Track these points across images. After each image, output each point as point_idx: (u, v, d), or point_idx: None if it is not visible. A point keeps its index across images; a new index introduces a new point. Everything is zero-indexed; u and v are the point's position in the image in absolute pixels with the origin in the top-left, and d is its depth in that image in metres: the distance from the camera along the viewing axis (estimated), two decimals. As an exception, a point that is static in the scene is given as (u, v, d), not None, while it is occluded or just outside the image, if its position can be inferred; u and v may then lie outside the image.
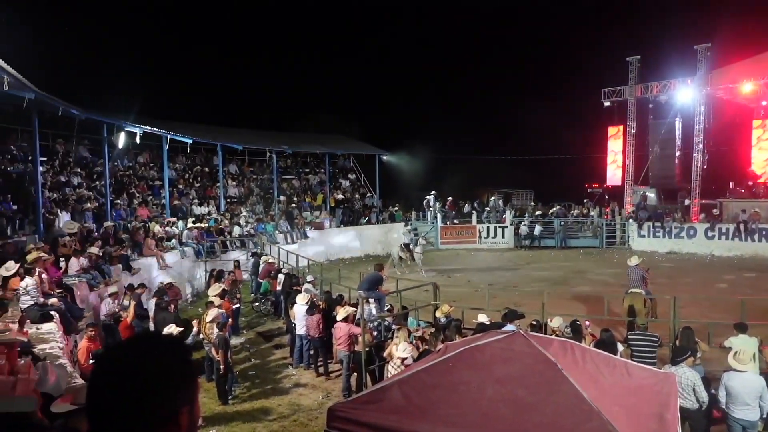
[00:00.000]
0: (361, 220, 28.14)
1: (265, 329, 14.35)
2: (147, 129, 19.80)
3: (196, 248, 18.68)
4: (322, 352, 11.01)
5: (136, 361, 1.13)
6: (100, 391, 1.12)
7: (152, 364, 1.13)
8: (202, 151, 27.92)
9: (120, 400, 1.09)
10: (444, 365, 4.86)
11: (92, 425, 1.11)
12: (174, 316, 10.73)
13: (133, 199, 20.73)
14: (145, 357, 1.14)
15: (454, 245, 28.57)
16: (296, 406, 9.38)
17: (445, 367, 4.83)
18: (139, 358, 1.14)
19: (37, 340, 7.54)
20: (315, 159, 32.31)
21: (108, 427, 1.09)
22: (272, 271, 15.84)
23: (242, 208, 24.83)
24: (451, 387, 4.61)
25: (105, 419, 1.10)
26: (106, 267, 12.87)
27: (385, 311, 11.22)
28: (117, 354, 1.17)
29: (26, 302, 8.77)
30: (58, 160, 20.11)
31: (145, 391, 1.11)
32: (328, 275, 16.64)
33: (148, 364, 1.13)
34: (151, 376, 1.12)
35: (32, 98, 12.79)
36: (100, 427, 1.10)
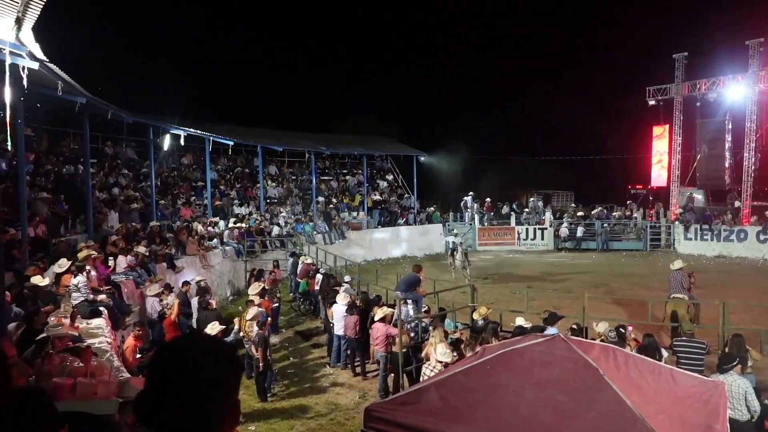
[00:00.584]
0: (399, 221, 28.15)
1: (304, 328, 14.53)
2: (190, 131, 20.39)
3: (236, 248, 19.08)
4: (359, 352, 11.07)
5: (196, 360, 1.18)
6: (160, 388, 1.17)
7: (210, 363, 1.18)
8: (243, 152, 28.51)
9: (181, 398, 1.14)
10: (482, 368, 4.83)
11: (146, 420, 1.15)
12: (216, 314, 10.98)
13: (177, 200, 21.36)
14: (203, 357, 1.19)
15: (491, 247, 28.27)
16: (333, 405, 9.46)
17: (483, 370, 4.79)
18: (198, 357, 1.18)
19: (87, 334, 7.86)
20: (353, 160, 32.53)
21: (167, 423, 1.13)
22: (310, 271, 16.02)
23: (281, 209, 25.22)
24: (489, 390, 4.57)
25: (165, 416, 1.14)
26: (151, 265, 13.29)
27: (422, 312, 11.19)
28: (175, 353, 1.22)
29: (77, 298, 9.15)
30: (107, 162, 20.89)
31: (205, 389, 1.16)
32: (365, 276, 16.72)
33: (207, 363, 1.18)
34: (210, 375, 1.17)
35: (84, 102, 13.35)
36: (157, 422, 1.14)
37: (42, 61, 9.80)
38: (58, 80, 11.14)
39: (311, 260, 17.29)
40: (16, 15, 7.80)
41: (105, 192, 17.86)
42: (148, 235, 15.21)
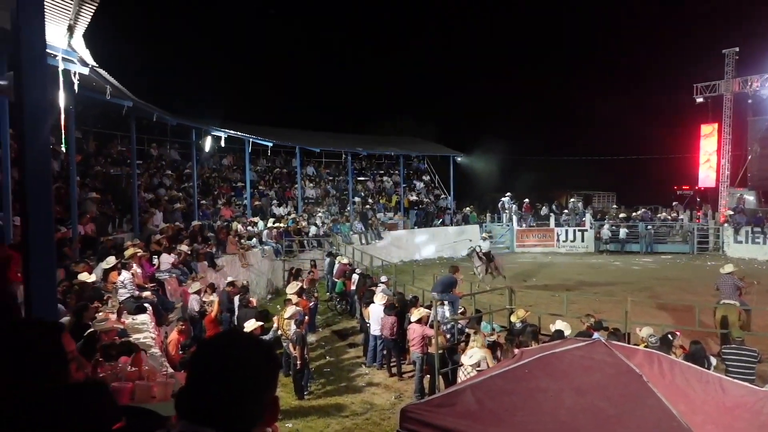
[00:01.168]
0: (435, 222, 28.04)
1: (340, 328, 14.64)
2: (231, 133, 20.86)
3: (275, 247, 19.38)
4: (395, 352, 11.08)
5: (234, 357, 1.21)
6: (200, 384, 1.21)
7: (248, 360, 1.21)
8: (282, 153, 28.96)
9: (220, 394, 1.17)
10: (520, 371, 4.75)
11: (186, 415, 1.19)
12: (255, 312, 11.18)
13: (218, 200, 21.87)
14: (241, 354, 1.22)
15: (530, 248, 27.84)
16: (369, 405, 9.50)
17: (521, 374, 4.72)
18: (236, 355, 1.22)
19: (133, 330, 8.13)
20: (389, 161, 32.59)
21: (207, 419, 1.16)
22: (347, 271, 16.13)
23: (319, 209, 25.48)
24: (527, 394, 4.49)
25: (205, 411, 1.18)
26: (193, 264, 13.64)
27: (458, 314, 11.12)
28: (214, 350, 1.26)
29: (123, 294, 9.47)
30: (152, 163, 21.57)
31: (244, 386, 1.19)
32: (401, 276, 16.71)
33: (245, 360, 1.21)
34: (248, 372, 1.20)
35: (130, 106, 13.83)
36: (198, 418, 1.17)
37: (92, 67, 10.21)
38: (107, 84, 11.58)
39: (348, 260, 17.41)
40: (69, 23, 8.14)
41: (150, 192, 18.44)
42: (191, 234, 15.62)
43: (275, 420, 1.30)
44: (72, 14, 7.78)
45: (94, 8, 7.61)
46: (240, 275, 15.48)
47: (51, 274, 2.97)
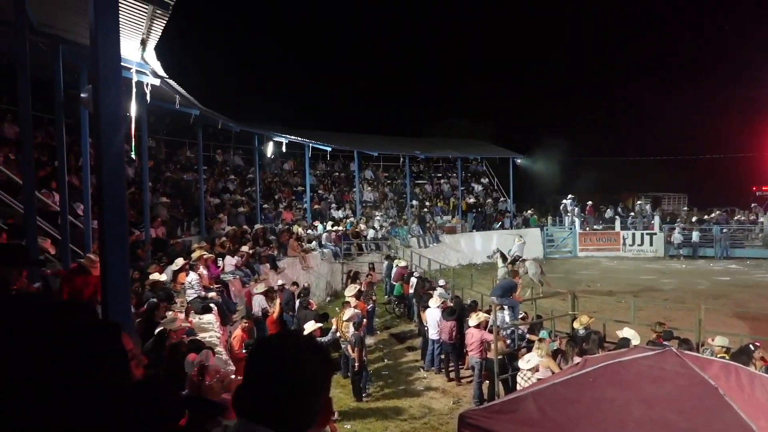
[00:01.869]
0: (494, 225, 27.60)
1: (398, 331, 14.66)
2: (292, 138, 21.41)
3: (334, 250, 19.67)
4: (454, 357, 10.98)
5: (290, 358, 1.24)
6: (256, 383, 1.24)
7: (303, 361, 1.24)
8: (340, 157, 29.38)
9: (276, 393, 1.20)
10: (584, 379, 4.59)
11: (243, 413, 1.22)
12: (314, 314, 11.38)
13: (279, 204, 22.46)
14: (297, 355, 1.25)
15: (594, 252, 26.89)
16: (427, 409, 9.45)
17: (585, 382, 4.56)
18: (292, 355, 1.25)
19: (199, 329, 8.48)
20: (447, 164, 32.38)
21: (263, 417, 1.19)
22: (405, 275, 16.14)
23: (377, 212, 25.66)
24: (591, 403, 4.33)
25: (260, 409, 1.21)
26: (256, 265, 14.07)
27: (518, 319, 10.88)
28: (271, 351, 1.29)
29: (191, 295, 9.90)
30: (217, 169, 22.44)
31: (299, 386, 1.21)
32: (459, 280, 16.55)
33: (300, 361, 1.24)
34: (303, 372, 1.23)
35: (197, 114, 14.47)
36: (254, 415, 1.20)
37: (162, 78, 10.76)
38: (176, 94, 12.16)
39: (405, 263, 17.42)
40: (142, 37, 8.62)
41: (216, 196, 19.19)
42: (253, 237, 16.12)
43: (329, 421, 1.32)
44: (144, 29, 8.23)
45: (164, 22, 8.01)
46: (300, 277, 15.81)
47: (125, 274, 3.14)
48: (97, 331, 1.78)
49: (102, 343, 1.72)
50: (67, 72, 8.80)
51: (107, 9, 3.03)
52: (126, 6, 7.24)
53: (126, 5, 7.22)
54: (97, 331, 1.78)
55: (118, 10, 3.20)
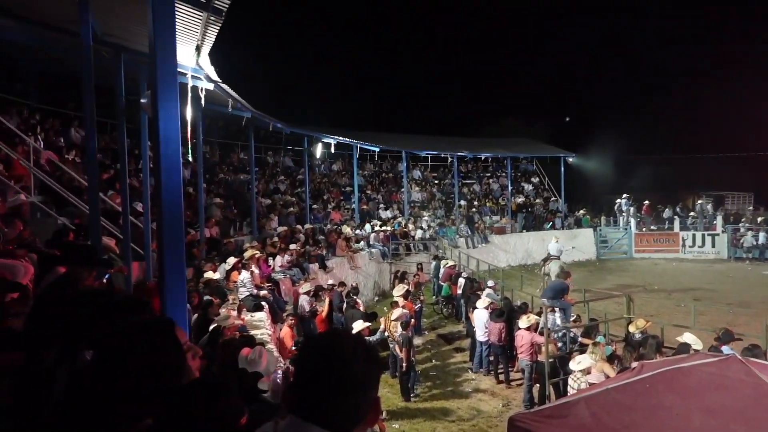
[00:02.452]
0: (545, 225, 27.01)
1: (446, 331, 14.57)
2: (340, 139, 21.66)
3: (382, 250, 19.76)
4: (503, 359, 10.83)
5: (338, 356, 1.25)
6: (306, 380, 1.26)
7: (352, 360, 1.25)
8: (388, 158, 29.49)
9: (324, 391, 1.23)
10: (640, 385, 4.43)
11: (294, 410, 1.24)
12: (362, 314, 11.46)
13: (328, 204, 22.77)
14: (346, 353, 1.26)
15: (650, 254, 25.89)
16: (475, 411, 9.36)
17: (641, 388, 4.40)
18: (341, 354, 1.26)
19: (251, 326, 8.70)
20: (496, 163, 31.94)
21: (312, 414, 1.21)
22: (453, 275, 16.03)
23: (425, 212, 25.61)
24: (648, 410, 4.17)
25: (310, 407, 1.23)
26: (305, 265, 14.31)
27: (570, 321, 10.61)
28: (320, 349, 1.31)
29: (243, 293, 10.17)
30: (268, 170, 22.98)
31: (347, 384, 1.23)
32: (509, 281, 16.30)
33: (349, 360, 1.25)
34: (352, 371, 1.24)
35: (249, 117, 14.85)
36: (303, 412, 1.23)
37: (216, 82, 11.10)
38: (229, 98, 12.52)
39: (454, 264, 17.30)
40: (196, 43, 8.92)
41: (267, 197, 19.65)
42: (303, 237, 16.41)
43: (377, 420, 1.32)
44: (199, 35, 8.52)
45: (218, 28, 8.26)
46: (349, 277, 15.97)
47: (181, 272, 3.27)
48: (152, 329, 1.86)
49: (160, 338, 1.80)
50: (128, 79, 9.21)
51: (165, 18, 3.16)
52: (182, 13, 7.51)
53: (182, 13, 7.49)
54: (152, 329, 1.86)
55: (174, 20, 3.33)
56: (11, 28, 9.73)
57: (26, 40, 10.37)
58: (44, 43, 10.40)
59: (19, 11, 8.57)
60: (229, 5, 7.43)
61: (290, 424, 1.23)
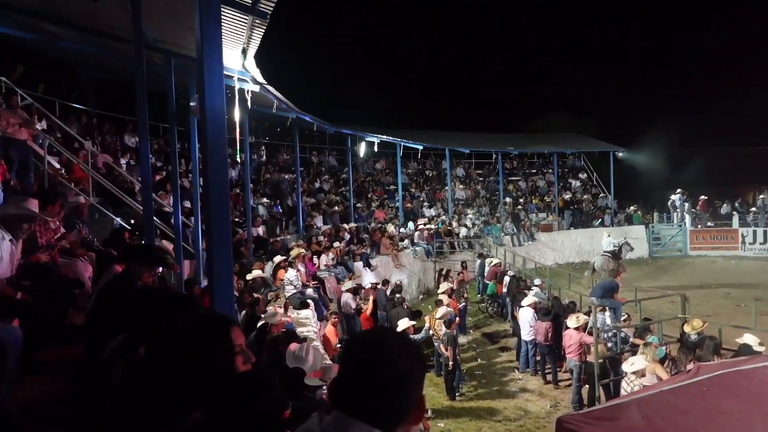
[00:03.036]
0: (594, 222, 26.28)
1: (491, 330, 14.41)
2: (383, 138, 21.73)
3: (426, 248, 19.71)
4: (551, 359, 10.62)
5: (384, 354, 1.25)
6: (350, 377, 1.27)
7: (397, 358, 1.24)
8: (432, 155, 29.37)
9: (369, 389, 1.23)
10: (696, 388, 4.25)
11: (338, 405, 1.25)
12: (407, 312, 11.47)
13: (372, 203, 22.89)
14: (391, 351, 1.26)
15: (707, 251, 24.80)
16: (522, 411, 9.21)
17: (698, 391, 4.22)
18: (386, 352, 1.26)
19: (297, 323, 8.83)
20: (543, 159, 31.29)
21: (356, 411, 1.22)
22: (498, 273, 15.84)
23: (469, 210, 25.38)
24: (705, 415, 4.00)
25: (354, 403, 1.24)
26: (350, 263, 14.44)
27: (621, 321, 10.29)
28: (365, 346, 1.31)
29: (289, 291, 10.35)
30: (313, 170, 23.30)
31: (392, 382, 1.23)
32: (556, 280, 15.95)
33: (394, 357, 1.25)
34: (397, 369, 1.24)
35: (294, 117, 15.10)
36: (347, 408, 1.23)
37: (262, 84, 11.33)
38: (274, 99, 12.76)
39: (499, 262, 17.08)
40: (242, 47, 9.14)
41: (311, 196, 19.93)
42: (350, 231, 16.60)
43: (421, 418, 1.31)
44: (245, 38, 8.72)
45: (263, 31, 8.44)
46: (393, 275, 16.00)
47: (229, 270, 3.36)
48: (208, 326, 1.92)
49: (211, 339, 1.86)
50: (178, 83, 9.53)
51: (211, 23, 3.25)
52: (228, 17, 7.71)
53: (228, 17, 7.69)
54: (208, 326, 1.92)
55: (221, 24, 3.42)
56: (71, 38, 10.27)
57: (84, 49, 10.90)
58: (100, 51, 10.91)
59: (77, 21, 9.02)
60: (274, 8, 7.58)
61: (335, 419, 1.24)
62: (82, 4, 7.79)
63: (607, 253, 17.80)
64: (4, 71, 10.66)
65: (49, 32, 10.03)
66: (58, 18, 9.03)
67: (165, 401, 1.78)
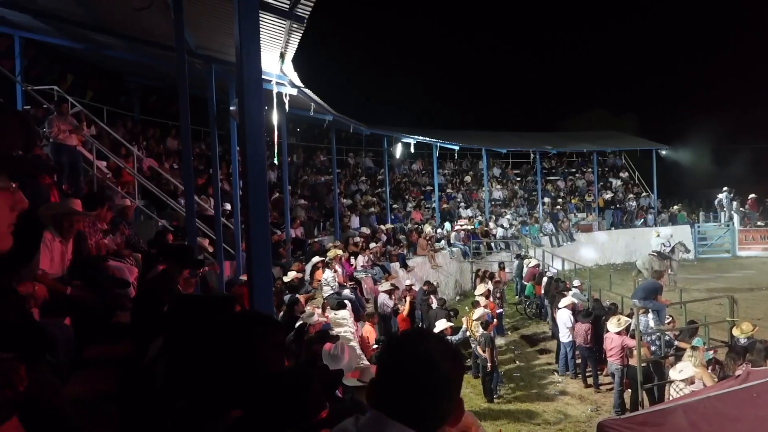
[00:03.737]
0: (636, 222, 25.56)
1: (530, 332, 14.21)
2: (419, 139, 21.73)
3: (463, 249, 19.58)
4: (591, 362, 10.39)
5: (421, 356, 1.24)
6: (387, 379, 1.27)
7: (436, 359, 1.23)
8: (468, 156, 29.15)
9: (407, 391, 1.22)
10: (745, 395, 4.10)
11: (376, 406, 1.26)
12: (445, 313, 11.41)
13: (408, 204, 22.90)
14: (428, 353, 1.24)
15: (758, 252, 23.77)
16: (562, 415, 9.05)
17: (748, 398, 4.07)
18: (424, 353, 1.24)
19: (335, 324, 8.92)
20: (582, 158, 30.60)
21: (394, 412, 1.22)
22: (536, 274, 15.60)
23: (506, 211, 25.09)
24: (756, 422, 3.86)
25: (392, 405, 1.24)
26: (386, 264, 14.49)
27: (665, 324, 9.99)
28: (402, 348, 1.30)
29: (327, 291, 10.46)
30: (349, 171, 23.47)
31: (429, 384, 1.22)
32: (597, 281, 15.60)
33: (432, 359, 1.23)
34: (435, 371, 1.22)
35: (330, 120, 15.26)
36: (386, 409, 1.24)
37: (299, 88, 11.49)
38: (311, 102, 12.92)
39: (537, 262, 16.82)
40: (280, 51, 9.29)
41: (348, 198, 20.08)
42: (387, 233, 16.65)
43: (459, 421, 1.30)
44: (283, 42, 8.87)
45: (300, 34, 8.56)
46: (430, 276, 15.96)
47: (268, 271, 3.43)
48: (258, 324, 1.97)
49: (261, 336, 1.90)
50: (218, 88, 9.77)
51: (250, 28, 3.33)
52: (266, 22, 7.85)
53: (266, 22, 7.84)
54: (258, 324, 1.97)
55: (259, 29, 3.49)
56: (118, 47, 10.67)
57: (130, 57, 11.31)
58: (145, 58, 11.30)
59: (123, 30, 9.37)
60: (311, 12, 7.68)
61: (373, 419, 1.24)
62: (127, 14, 8.08)
63: (654, 253, 17.38)
64: (56, 80, 11.15)
65: (97, 41, 10.45)
66: (104, 28, 9.41)
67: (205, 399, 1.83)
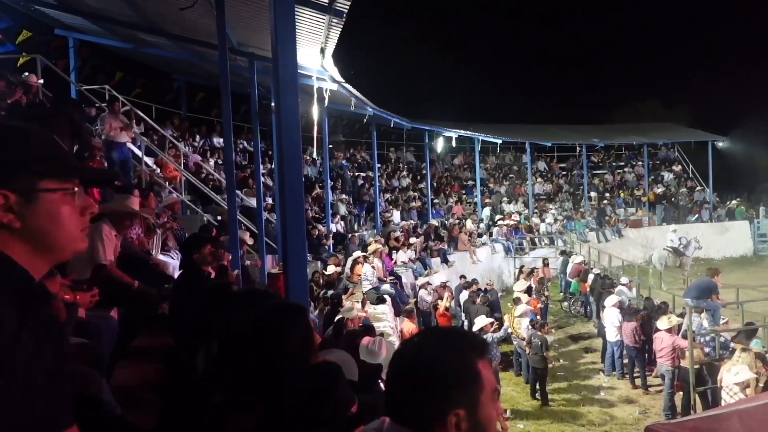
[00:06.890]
0: (689, 218, 24.51)
1: (575, 331, 13.86)
2: (461, 132, 21.49)
3: (505, 245, 19.27)
4: (639, 362, 10.03)
5: (421, 358, 1.13)
6: (391, 378, 1.21)
7: (443, 362, 1.11)
8: (512, 149, 28.63)
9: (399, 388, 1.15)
10: (807, 402, 3.84)
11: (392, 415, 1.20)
12: (486, 309, 11.25)
13: (450, 198, 22.70)
14: (436, 355, 1.12)
15: (824, 250, 22.44)
16: (608, 417, 8.78)
17: (810, 405, 3.81)
18: (424, 356, 1.13)
19: (374, 318, 8.94)
20: (631, 151, 29.57)
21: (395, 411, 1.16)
22: (582, 271, 15.17)
23: (550, 206, 24.54)
24: (818, 431, 3.61)
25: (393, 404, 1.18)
26: (427, 259, 14.41)
27: (719, 325, 9.53)
28: (408, 347, 1.21)
29: (366, 286, 10.49)
30: (390, 166, 23.45)
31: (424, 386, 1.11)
32: (646, 279, 15.06)
33: (438, 361, 1.11)
34: (442, 374, 1.10)
35: (371, 114, 15.26)
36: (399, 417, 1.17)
37: (339, 83, 11.52)
38: (352, 97, 12.94)
39: (582, 259, 16.37)
40: (320, 46, 9.33)
41: (389, 193, 20.08)
42: (425, 231, 16.54)
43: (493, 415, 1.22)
44: (323, 37, 8.89)
45: (340, 29, 8.56)
46: (471, 272, 15.78)
47: (303, 263, 3.43)
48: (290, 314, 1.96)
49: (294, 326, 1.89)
50: (261, 84, 9.92)
51: (285, 23, 3.33)
52: (305, 18, 7.89)
53: (305, 17, 7.87)
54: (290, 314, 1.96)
55: (294, 24, 3.50)
56: (165, 46, 10.97)
57: (176, 55, 11.62)
58: (189, 56, 11.58)
59: (170, 29, 9.62)
60: (350, 6, 7.66)
61: (389, 428, 1.17)
62: (172, 14, 8.28)
63: (668, 248, 16.86)
64: (106, 79, 11.58)
65: (146, 41, 10.78)
66: (152, 28, 9.68)
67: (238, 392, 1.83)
